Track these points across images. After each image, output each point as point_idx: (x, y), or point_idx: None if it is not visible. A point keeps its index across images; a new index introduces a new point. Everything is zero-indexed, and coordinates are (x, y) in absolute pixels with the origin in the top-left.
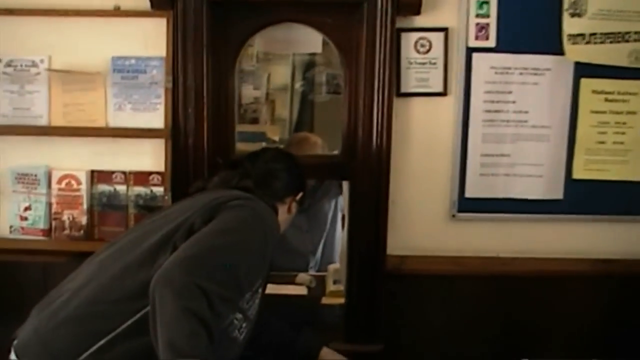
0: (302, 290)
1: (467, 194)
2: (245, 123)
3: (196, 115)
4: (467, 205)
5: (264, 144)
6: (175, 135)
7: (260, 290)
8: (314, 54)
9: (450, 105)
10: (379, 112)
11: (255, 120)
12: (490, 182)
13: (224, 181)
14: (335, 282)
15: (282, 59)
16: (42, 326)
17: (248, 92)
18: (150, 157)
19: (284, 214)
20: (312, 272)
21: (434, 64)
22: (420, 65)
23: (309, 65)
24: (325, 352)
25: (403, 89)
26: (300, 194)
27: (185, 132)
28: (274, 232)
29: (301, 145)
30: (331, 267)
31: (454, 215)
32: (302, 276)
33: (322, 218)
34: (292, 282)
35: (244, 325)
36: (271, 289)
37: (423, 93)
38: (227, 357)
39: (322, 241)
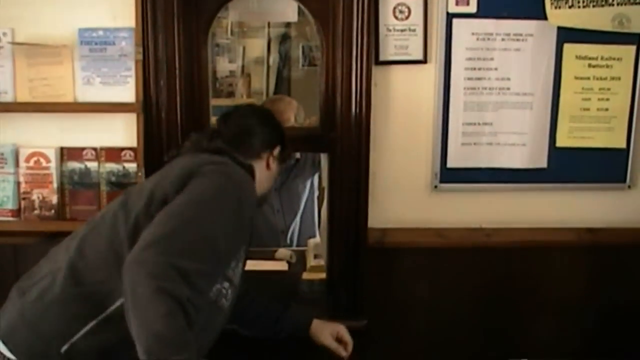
0: (282, 266)
1: (449, 164)
2: (221, 97)
3: (168, 88)
4: (449, 176)
5: None
6: (147, 109)
7: (243, 256)
8: (289, 26)
9: (430, 73)
10: (357, 81)
11: (231, 94)
12: (472, 152)
13: (195, 144)
14: (316, 257)
15: (257, 32)
16: (28, 309)
17: (223, 66)
18: (121, 132)
19: (263, 171)
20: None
21: (414, 30)
22: (399, 32)
23: (285, 37)
24: (317, 324)
25: (382, 57)
26: (278, 148)
27: (158, 106)
28: (250, 194)
29: (275, 104)
30: (311, 241)
31: (436, 187)
32: (282, 251)
33: (295, 198)
34: (271, 257)
35: (229, 292)
36: (250, 265)
37: (402, 61)
38: (214, 326)
39: (296, 221)
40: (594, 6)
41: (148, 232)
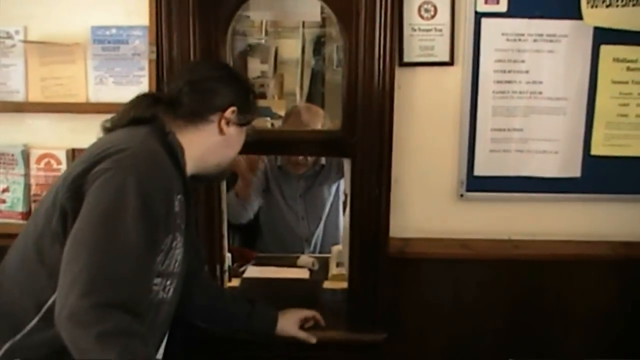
0: (303, 274)
1: (476, 172)
2: None
3: None
4: (476, 184)
5: (268, 120)
6: None
7: (176, 244)
8: (324, 26)
9: (457, 76)
10: (380, 83)
11: (262, 95)
12: (501, 159)
13: (117, 117)
14: (338, 265)
15: (291, 32)
16: None
17: (255, 66)
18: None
19: (214, 135)
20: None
21: (440, 30)
22: (424, 32)
23: (319, 38)
24: (281, 317)
25: (406, 58)
26: (232, 109)
27: None
28: (159, 180)
29: (300, 115)
30: (335, 248)
31: (462, 195)
32: (304, 258)
33: (320, 204)
34: (294, 265)
35: (167, 283)
36: (271, 272)
37: (428, 62)
38: (160, 317)
39: (320, 227)
40: (633, 5)
41: (63, 273)
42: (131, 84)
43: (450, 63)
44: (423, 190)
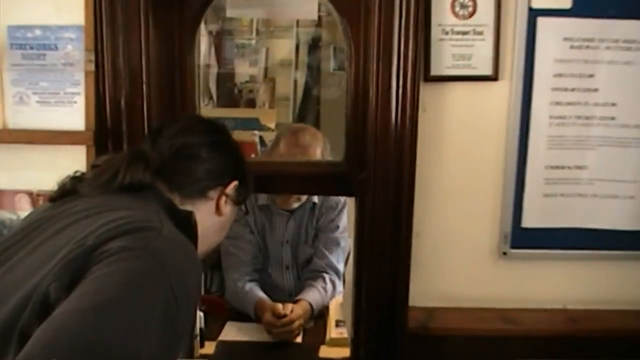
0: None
1: (525, 223)
2: (239, 106)
3: (131, 111)
4: (524, 239)
5: (256, 133)
6: (102, 140)
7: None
8: (320, 25)
9: (502, 95)
10: (398, 104)
11: (251, 103)
12: (558, 206)
13: (104, 178)
14: (338, 325)
15: (284, 32)
16: None
17: (243, 70)
18: (66, 171)
19: (210, 216)
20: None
21: (480, 33)
22: (459, 35)
23: (315, 39)
24: None
25: (434, 71)
26: (234, 184)
27: (117, 135)
28: (189, 276)
29: (298, 136)
30: (333, 302)
31: (504, 253)
32: None
33: (309, 251)
34: None
35: None
36: (253, 332)
37: (463, 77)
38: None
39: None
40: None
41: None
42: (62, 104)
43: (494, 78)
44: (453, 246)
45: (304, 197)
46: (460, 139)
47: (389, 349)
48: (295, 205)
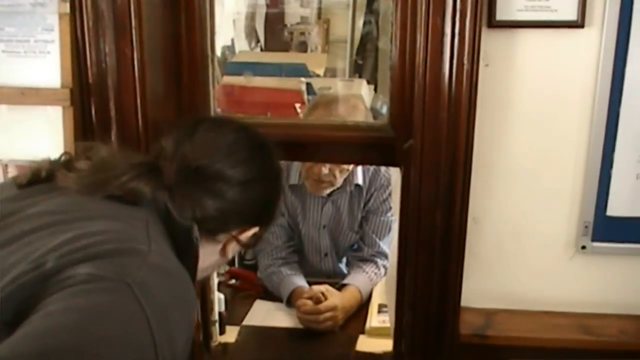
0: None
1: (611, 211)
2: (291, 50)
3: (118, 61)
4: (610, 230)
5: (302, 80)
6: (83, 99)
7: None
8: None
9: (590, 47)
10: (453, 56)
11: (303, 46)
12: None
13: (95, 179)
14: (380, 311)
15: None
16: None
17: (294, 10)
18: (41, 136)
19: (212, 255)
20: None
21: None
22: None
23: None
24: None
25: (500, 15)
26: (253, 231)
27: (101, 93)
28: (178, 318)
29: (331, 108)
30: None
31: (583, 247)
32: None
33: (351, 236)
34: None
35: None
36: (282, 315)
37: (539, 23)
38: None
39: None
40: None
41: None
42: (32, 54)
43: (580, 24)
44: (520, 235)
45: (338, 182)
46: (533, 103)
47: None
48: (327, 191)
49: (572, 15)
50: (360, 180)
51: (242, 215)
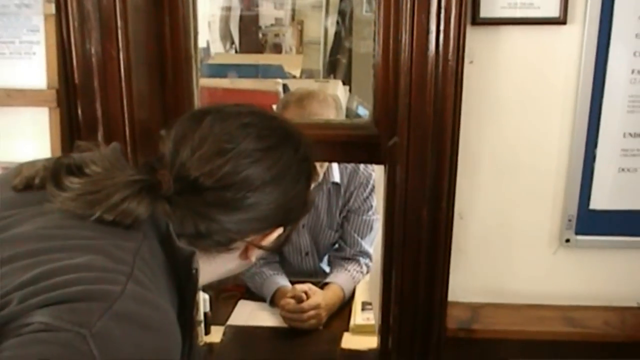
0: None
1: (594, 204)
2: (264, 52)
3: (104, 62)
4: (593, 223)
5: (279, 82)
6: (69, 100)
7: None
8: None
9: (572, 43)
10: (438, 53)
11: (277, 48)
12: (636, 183)
13: (87, 200)
14: (364, 308)
15: None
16: None
17: (268, 12)
18: (28, 138)
19: (232, 261)
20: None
21: None
22: None
23: None
24: None
25: (484, 12)
26: (277, 232)
27: (87, 94)
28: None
29: (304, 104)
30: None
31: (567, 240)
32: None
33: (331, 235)
34: None
35: None
36: (267, 315)
37: (522, 19)
38: None
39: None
40: None
41: None
42: (17, 55)
43: (562, 21)
44: (505, 230)
45: (319, 177)
46: (517, 99)
47: (423, 355)
48: None
49: (554, 12)
50: (337, 179)
51: (265, 218)
